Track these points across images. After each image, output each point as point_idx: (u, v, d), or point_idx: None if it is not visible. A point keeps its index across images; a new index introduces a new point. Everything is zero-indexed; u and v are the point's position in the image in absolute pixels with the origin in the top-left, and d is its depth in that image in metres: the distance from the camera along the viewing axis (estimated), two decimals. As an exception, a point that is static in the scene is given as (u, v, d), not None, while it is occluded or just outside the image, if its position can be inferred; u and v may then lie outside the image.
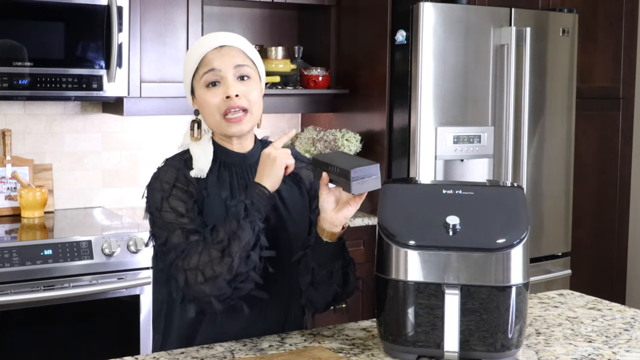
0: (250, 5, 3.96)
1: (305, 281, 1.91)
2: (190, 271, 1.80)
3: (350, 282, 1.94)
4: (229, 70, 1.91)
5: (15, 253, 2.92)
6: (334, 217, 1.81)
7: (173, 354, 1.83)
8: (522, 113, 3.81)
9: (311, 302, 1.96)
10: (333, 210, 1.81)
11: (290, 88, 3.89)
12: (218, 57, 1.91)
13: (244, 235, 1.78)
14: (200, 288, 1.79)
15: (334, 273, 1.89)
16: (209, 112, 1.92)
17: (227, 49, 1.93)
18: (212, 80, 1.91)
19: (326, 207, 1.82)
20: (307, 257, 1.89)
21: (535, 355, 1.83)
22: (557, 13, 4.03)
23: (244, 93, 1.91)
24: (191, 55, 1.95)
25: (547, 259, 4.05)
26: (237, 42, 1.96)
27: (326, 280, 1.89)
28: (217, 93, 1.90)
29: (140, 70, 3.46)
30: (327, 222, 1.82)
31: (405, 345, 1.75)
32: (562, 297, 2.35)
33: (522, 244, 1.72)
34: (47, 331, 3.03)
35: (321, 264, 1.87)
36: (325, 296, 1.92)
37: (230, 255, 1.78)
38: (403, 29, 3.63)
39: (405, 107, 3.65)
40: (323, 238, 1.84)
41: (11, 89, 3.15)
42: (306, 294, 1.94)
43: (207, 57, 1.92)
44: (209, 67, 1.91)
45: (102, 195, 3.78)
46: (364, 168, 1.72)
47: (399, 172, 3.68)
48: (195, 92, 1.95)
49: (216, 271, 1.78)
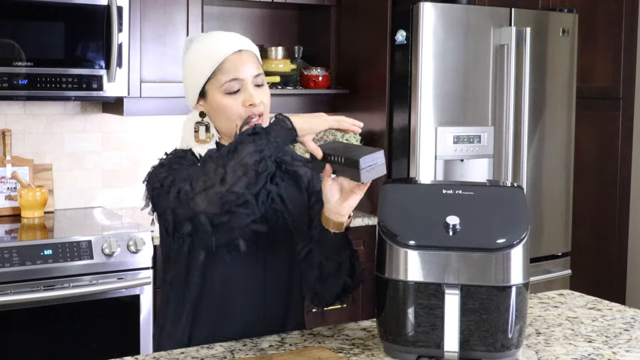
0: (250, 5, 3.97)
1: (313, 277, 1.90)
2: (183, 182, 1.75)
3: (357, 272, 1.93)
4: (249, 79, 1.91)
5: (15, 253, 2.92)
6: (339, 207, 1.81)
7: (173, 354, 1.83)
8: (522, 113, 3.82)
9: (320, 296, 1.94)
10: (338, 200, 1.81)
11: (290, 88, 3.90)
12: (239, 65, 1.91)
13: (243, 149, 1.71)
14: (193, 201, 1.71)
15: (342, 265, 1.89)
16: (228, 118, 1.91)
17: (246, 54, 1.93)
18: (236, 88, 1.90)
19: (331, 197, 1.81)
20: (312, 253, 1.88)
21: (535, 355, 1.83)
22: (557, 13, 4.03)
23: (261, 99, 1.92)
24: (205, 58, 1.92)
25: (547, 259, 4.05)
26: (251, 46, 1.97)
27: (335, 273, 1.89)
28: (238, 99, 1.90)
29: (140, 70, 3.46)
30: (333, 213, 1.82)
31: (405, 345, 1.75)
32: (562, 297, 2.35)
33: (522, 244, 1.72)
34: (47, 331, 3.03)
35: (329, 257, 1.86)
36: (335, 289, 1.91)
37: (224, 168, 1.71)
38: (403, 29, 3.63)
39: (405, 107, 3.65)
40: (330, 229, 1.84)
41: (11, 89, 3.15)
42: (314, 290, 1.92)
43: (228, 63, 1.91)
44: (231, 77, 1.90)
45: (102, 195, 3.79)
46: (371, 156, 1.72)
47: (399, 172, 3.68)
48: (209, 96, 1.93)
49: (207, 183, 1.71)
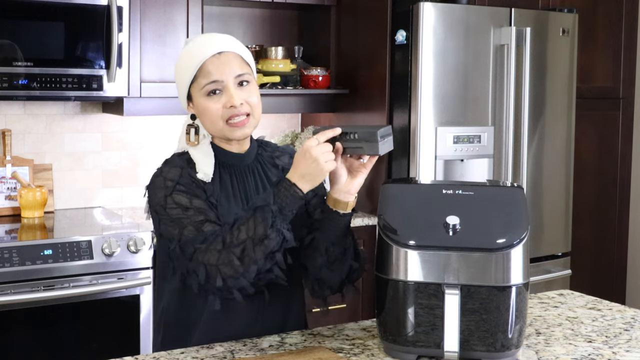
0: (250, 5, 3.96)
1: (319, 263, 1.90)
2: (211, 267, 1.78)
3: (361, 257, 1.95)
4: (230, 80, 1.90)
5: (15, 253, 2.92)
6: (349, 186, 1.84)
7: (173, 354, 1.83)
8: (522, 113, 3.81)
9: (326, 282, 1.94)
10: (348, 179, 1.84)
11: (290, 88, 3.89)
12: (218, 67, 1.90)
13: (269, 244, 1.76)
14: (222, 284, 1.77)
15: (347, 249, 1.91)
16: (211, 120, 1.91)
17: (225, 56, 1.91)
18: (213, 89, 1.90)
19: (340, 178, 1.84)
20: (317, 239, 1.89)
21: (535, 355, 1.83)
22: (557, 13, 4.03)
23: (245, 99, 1.91)
24: (187, 62, 1.92)
25: (547, 259, 4.05)
26: (233, 46, 1.94)
27: (340, 258, 1.90)
28: (219, 101, 1.90)
29: (140, 70, 3.46)
30: (343, 192, 1.84)
31: (405, 345, 1.75)
32: (562, 297, 2.35)
33: (522, 244, 1.72)
34: (47, 331, 3.03)
35: (335, 242, 1.88)
36: (340, 274, 1.92)
37: (254, 261, 1.76)
38: (403, 29, 3.63)
39: (405, 107, 3.65)
40: (339, 210, 1.85)
41: (11, 89, 3.15)
42: (319, 276, 1.93)
43: (206, 66, 1.90)
44: (210, 79, 1.89)
45: (102, 195, 3.79)
46: (383, 129, 1.78)
47: (399, 172, 3.68)
48: (194, 99, 1.94)
49: (238, 272, 1.76)
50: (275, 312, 1.98)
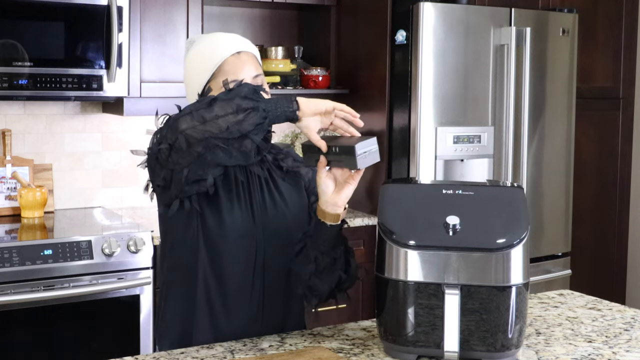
0: (250, 5, 3.97)
1: (308, 270, 1.90)
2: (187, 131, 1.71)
3: (352, 268, 1.94)
4: (248, 80, 1.93)
5: (15, 253, 2.92)
6: (336, 198, 1.82)
7: (173, 354, 1.83)
8: (522, 113, 3.82)
9: (314, 290, 1.94)
10: (334, 192, 1.82)
11: (290, 88, 3.90)
12: (239, 66, 1.94)
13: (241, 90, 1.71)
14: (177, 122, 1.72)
15: (337, 259, 1.90)
16: None
17: (245, 56, 1.96)
18: None
19: (326, 189, 1.82)
20: (307, 247, 1.89)
21: (535, 355, 1.83)
22: (557, 13, 4.03)
23: None
24: (206, 59, 1.95)
25: (547, 259, 4.05)
26: (249, 47, 2.00)
27: (329, 267, 1.89)
28: None
29: (140, 70, 3.46)
30: (330, 205, 1.83)
31: (405, 345, 1.75)
32: (562, 297, 2.35)
33: (522, 244, 1.72)
34: (47, 331, 3.03)
35: (324, 252, 1.87)
36: (329, 283, 1.92)
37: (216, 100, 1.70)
38: (403, 29, 3.63)
39: (405, 107, 3.65)
40: (327, 222, 1.84)
41: (11, 89, 3.15)
42: (309, 284, 1.92)
43: (227, 64, 1.94)
44: (232, 78, 1.92)
45: (102, 195, 3.79)
46: (365, 142, 1.75)
47: (399, 172, 3.67)
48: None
49: (195, 106, 1.72)
50: (275, 312, 1.98)
